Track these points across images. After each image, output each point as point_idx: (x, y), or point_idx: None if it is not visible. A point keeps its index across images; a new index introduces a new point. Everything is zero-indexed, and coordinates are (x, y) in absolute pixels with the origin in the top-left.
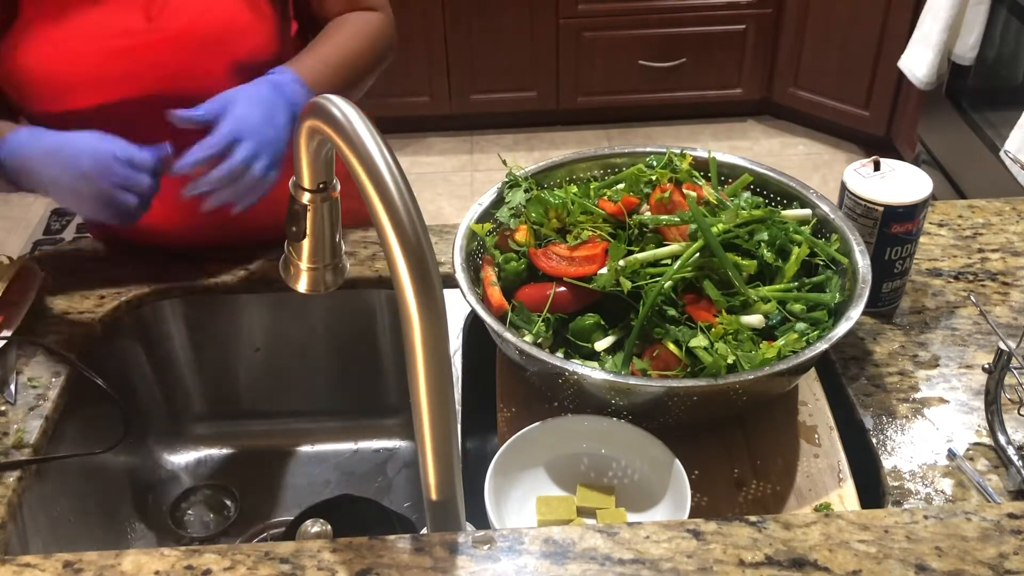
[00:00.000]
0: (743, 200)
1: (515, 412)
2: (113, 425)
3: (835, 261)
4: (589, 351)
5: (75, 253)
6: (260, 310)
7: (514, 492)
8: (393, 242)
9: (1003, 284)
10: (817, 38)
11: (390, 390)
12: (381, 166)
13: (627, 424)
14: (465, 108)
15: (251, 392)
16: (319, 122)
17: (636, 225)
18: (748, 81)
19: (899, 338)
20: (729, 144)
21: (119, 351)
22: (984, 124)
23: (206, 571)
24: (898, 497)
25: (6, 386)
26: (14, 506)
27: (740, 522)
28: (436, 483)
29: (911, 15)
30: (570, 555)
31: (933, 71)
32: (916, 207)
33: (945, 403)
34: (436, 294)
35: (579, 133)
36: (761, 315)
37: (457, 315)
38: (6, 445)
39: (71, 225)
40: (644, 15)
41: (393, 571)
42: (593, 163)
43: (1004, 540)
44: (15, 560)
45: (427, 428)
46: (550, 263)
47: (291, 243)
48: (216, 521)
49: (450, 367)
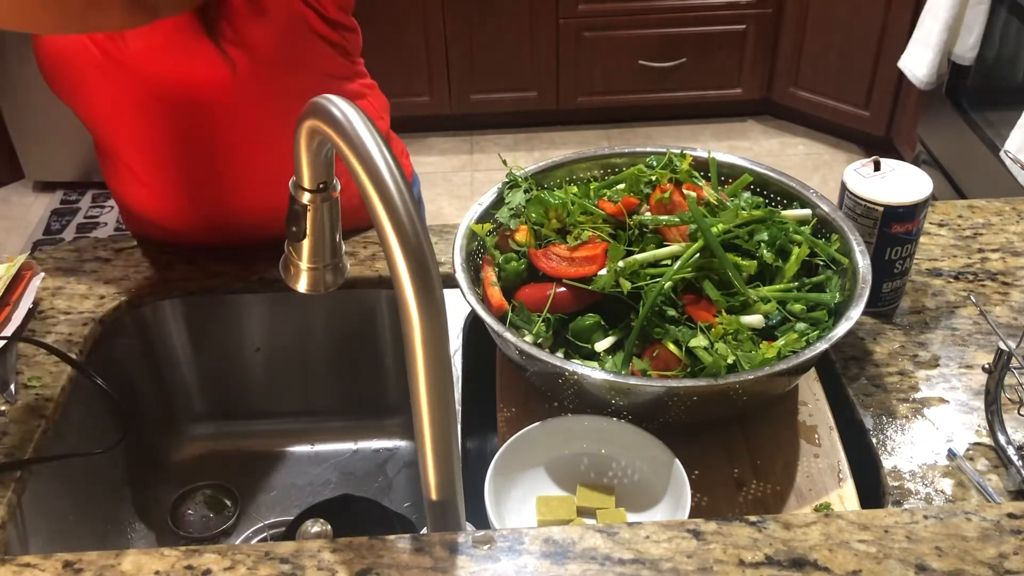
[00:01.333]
0: (743, 200)
1: (515, 412)
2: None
3: (835, 261)
4: (589, 351)
5: (75, 253)
6: (260, 310)
7: (514, 492)
8: (393, 242)
9: (1003, 284)
10: (817, 38)
11: (390, 390)
12: (381, 166)
13: (627, 424)
14: (465, 108)
15: (251, 392)
16: (319, 122)
17: (636, 225)
18: (748, 81)
19: (899, 338)
20: (729, 144)
21: (119, 351)
22: (984, 124)
23: (206, 571)
24: (898, 497)
25: (6, 386)
26: (14, 506)
27: (740, 522)
28: (436, 483)
29: (911, 15)
30: (570, 555)
31: (933, 71)
32: (916, 207)
33: (945, 403)
34: (436, 294)
35: (579, 133)
36: (761, 315)
37: (457, 315)
38: (6, 445)
39: (71, 225)
40: (644, 15)
41: (393, 571)
42: (593, 163)
43: (1004, 540)
44: (15, 560)
45: (427, 428)
46: (550, 264)
47: (291, 243)
48: (216, 521)
49: (450, 367)
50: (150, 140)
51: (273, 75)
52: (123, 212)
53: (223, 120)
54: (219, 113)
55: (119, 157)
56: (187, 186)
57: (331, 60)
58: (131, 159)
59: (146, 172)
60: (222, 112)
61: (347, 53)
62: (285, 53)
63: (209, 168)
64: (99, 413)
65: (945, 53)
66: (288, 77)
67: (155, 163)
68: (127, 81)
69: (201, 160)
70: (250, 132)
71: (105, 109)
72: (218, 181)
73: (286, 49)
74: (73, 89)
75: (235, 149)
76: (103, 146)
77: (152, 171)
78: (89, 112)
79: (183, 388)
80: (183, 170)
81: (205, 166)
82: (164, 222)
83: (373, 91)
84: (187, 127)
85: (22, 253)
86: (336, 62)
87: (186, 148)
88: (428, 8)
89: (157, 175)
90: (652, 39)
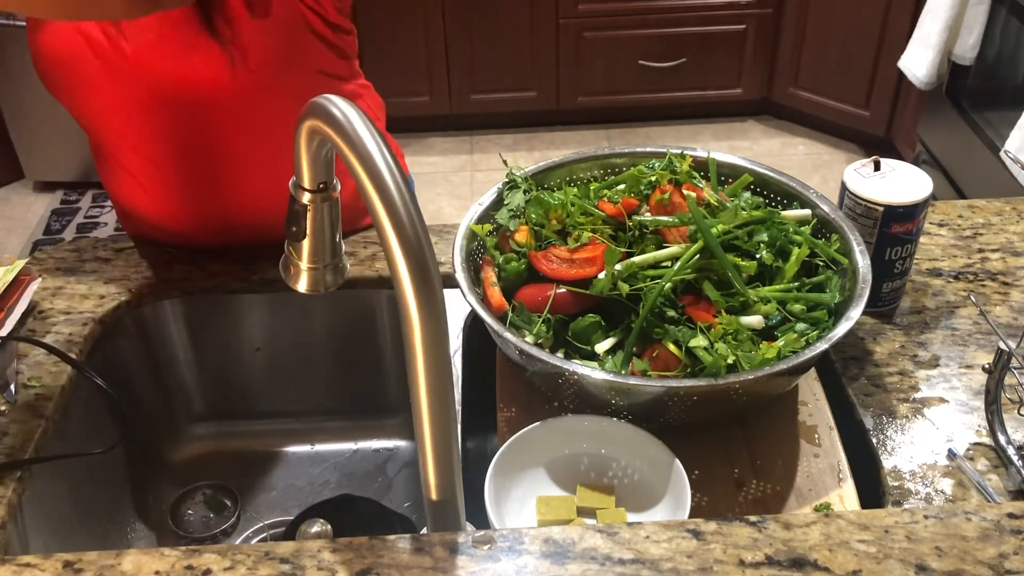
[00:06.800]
0: (743, 200)
1: (515, 412)
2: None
3: (835, 261)
4: (589, 352)
5: (75, 253)
6: (260, 310)
7: (514, 492)
8: (393, 242)
9: (1003, 284)
10: (817, 38)
11: (390, 390)
12: (381, 166)
13: (627, 424)
14: (465, 108)
15: (251, 392)
16: (319, 122)
17: (636, 226)
18: (748, 81)
19: (899, 338)
20: (729, 144)
21: (119, 351)
22: (984, 124)
23: (206, 571)
24: (898, 497)
25: (6, 386)
26: (14, 506)
27: (740, 522)
28: (436, 483)
29: (911, 15)
30: (570, 555)
31: (933, 71)
32: (916, 207)
33: (945, 403)
34: (436, 294)
35: (579, 133)
36: (761, 316)
37: (457, 315)
38: (6, 445)
39: (71, 225)
40: (644, 15)
41: (393, 571)
42: (593, 163)
43: (1004, 540)
44: (15, 560)
45: (427, 428)
46: (550, 266)
47: (291, 243)
48: (216, 521)
49: (450, 367)
50: (148, 140)
51: (273, 75)
52: (120, 213)
53: (222, 120)
54: (218, 113)
55: (117, 157)
56: (185, 186)
57: (330, 61)
58: (129, 159)
59: (144, 172)
60: (221, 112)
61: (345, 54)
62: (285, 53)
63: (207, 168)
64: (99, 413)
65: (945, 53)
66: (287, 77)
67: (153, 163)
68: (126, 80)
69: (199, 160)
70: (249, 132)
71: (103, 109)
72: (216, 181)
73: (286, 49)
74: (71, 89)
75: (234, 149)
76: (100, 146)
77: (150, 171)
78: (87, 112)
79: (183, 388)
80: (181, 170)
81: (203, 166)
82: (162, 222)
83: (368, 91)
84: (186, 127)
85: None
86: (334, 63)
87: (184, 148)
88: (428, 8)
89: (155, 175)
90: (652, 39)
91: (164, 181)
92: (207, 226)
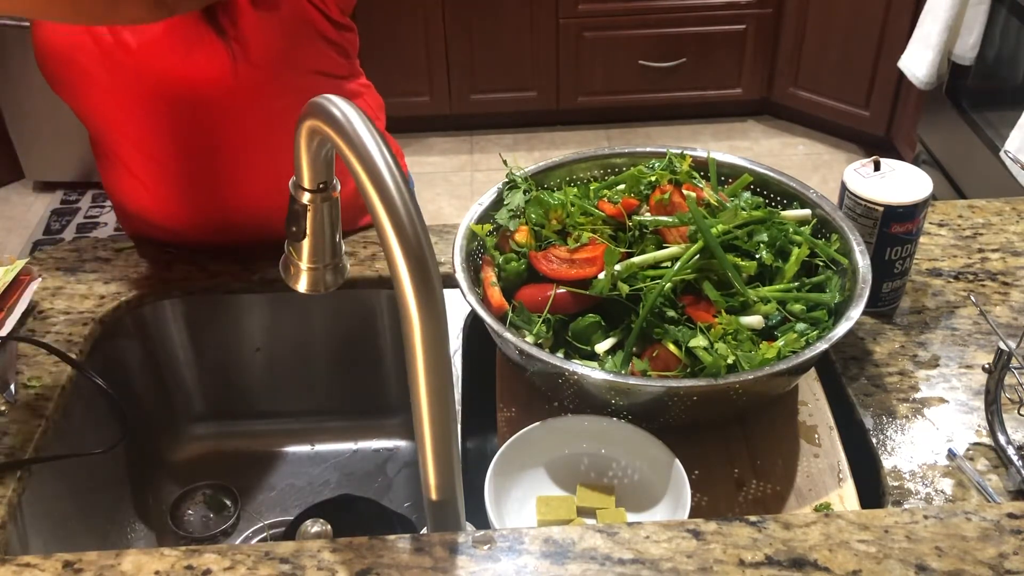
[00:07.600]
0: (743, 200)
1: (515, 412)
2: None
3: (835, 261)
4: (589, 352)
5: (75, 253)
6: (260, 310)
7: (514, 492)
8: (393, 242)
9: (1003, 284)
10: (817, 38)
11: (390, 390)
12: (381, 166)
13: (627, 424)
14: (465, 108)
15: (251, 392)
16: (319, 122)
17: (636, 227)
18: (748, 81)
19: (899, 338)
20: (729, 144)
21: (119, 351)
22: (984, 124)
23: (206, 571)
24: (898, 497)
25: (6, 386)
26: (14, 506)
27: (740, 522)
28: (436, 483)
29: (911, 15)
30: (570, 555)
31: (933, 71)
32: (916, 207)
33: (945, 403)
34: (436, 294)
35: (579, 133)
36: (761, 316)
37: (457, 315)
38: (6, 445)
39: (71, 225)
40: (644, 15)
41: (393, 571)
42: (593, 163)
43: (1004, 540)
44: (15, 560)
45: (427, 428)
46: (550, 266)
47: (291, 243)
48: (216, 521)
49: (450, 367)
50: (149, 136)
51: (275, 73)
52: (120, 212)
53: (223, 118)
54: (219, 111)
55: (117, 155)
56: (186, 184)
57: (331, 60)
58: (130, 157)
59: (145, 170)
60: (222, 110)
61: (346, 53)
62: (288, 51)
63: (208, 166)
64: (99, 413)
65: (945, 53)
66: (289, 74)
67: (154, 160)
68: (128, 77)
69: (200, 158)
70: (250, 130)
71: (105, 106)
72: (217, 179)
73: (289, 48)
74: (73, 84)
75: (235, 147)
76: (101, 144)
77: (151, 168)
78: (88, 108)
79: (183, 388)
80: (182, 168)
81: (204, 164)
82: (162, 220)
83: (369, 90)
84: (187, 123)
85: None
86: (336, 62)
87: (185, 145)
88: (428, 8)
89: (156, 172)
90: (652, 39)
91: (164, 178)
92: (207, 224)
